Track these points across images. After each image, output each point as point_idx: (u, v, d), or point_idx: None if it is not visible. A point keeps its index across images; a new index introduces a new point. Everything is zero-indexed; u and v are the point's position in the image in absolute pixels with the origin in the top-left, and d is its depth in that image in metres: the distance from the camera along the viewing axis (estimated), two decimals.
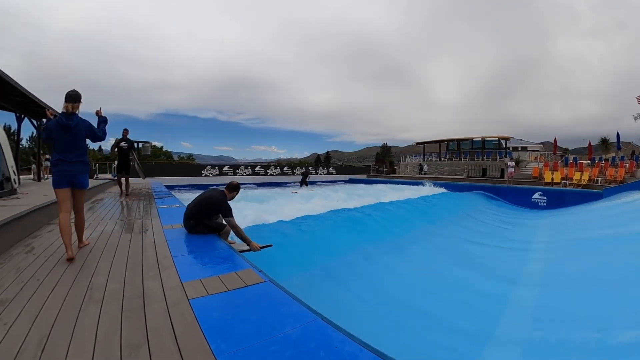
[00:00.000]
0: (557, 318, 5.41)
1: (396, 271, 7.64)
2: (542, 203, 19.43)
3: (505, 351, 4.62)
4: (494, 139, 30.92)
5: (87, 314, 2.44)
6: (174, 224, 5.85)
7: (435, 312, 5.74)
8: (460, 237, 11.48)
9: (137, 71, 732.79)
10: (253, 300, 2.75)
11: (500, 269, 8.28)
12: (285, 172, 31.58)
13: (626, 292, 5.85)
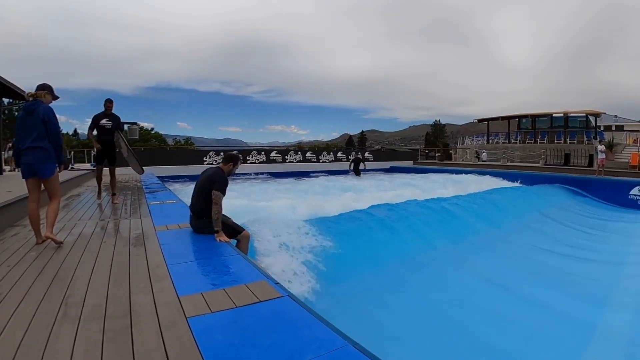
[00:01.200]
0: None
1: (450, 286, 7.58)
2: None
3: None
4: (580, 115, 30.06)
5: (60, 337, 2.45)
6: (169, 224, 5.95)
7: (499, 340, 5.69)
8: (534, 244, 11.31)
9: (119, 36, 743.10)
10: (267, 320, 2.75)
11: (585, 286, 8.15)
12: (309, 159, 31.14)
13: None
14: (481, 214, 13.16)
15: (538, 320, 6.42)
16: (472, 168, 28.43)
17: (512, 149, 31.98)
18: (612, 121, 37.88)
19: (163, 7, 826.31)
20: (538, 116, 32.73)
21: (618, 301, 7.20)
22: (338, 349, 2.37)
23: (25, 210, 5.51)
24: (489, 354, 5.30)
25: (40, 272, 3.74)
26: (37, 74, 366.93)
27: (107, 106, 8.49)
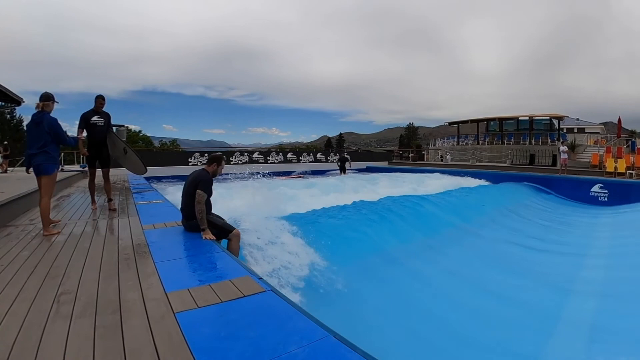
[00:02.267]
0: (619, 338, 5.40)
1: (424, 278, 7.65)
2: (603, 198, 19.25)
3: None
4: (545, 118, 30.59)
5: (53, 334, 2.43)
6: (156, 223, 5.91)
7: (472, 328, 5.76)
8: (502, 238, 11.49)
9: (107, 41, 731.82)
10: (251, 314, 2.76)
11: (550, 276, 8.30)
12: (290, 160, 31.25)
13: None
14: (453, 210, 13.30)
15: (507, 308, 6.52)
16: (443, 168, 28.72)
17: (481, 149, 32.42)
18: (574, 124, 38.62)
19: (150, 14, 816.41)
20: (505, 119, 33.22)
21: (581, 290, 7.35)
22: (319, 340, 2.39)
23: (17, 212, 6.73)
24: (461, 342, 5.38)
25: (33, 271, 3.69)
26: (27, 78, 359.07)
27: (99, 102, 7.50)
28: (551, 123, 30.42)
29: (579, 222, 14.75)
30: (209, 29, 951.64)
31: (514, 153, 29.33)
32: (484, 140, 33.89)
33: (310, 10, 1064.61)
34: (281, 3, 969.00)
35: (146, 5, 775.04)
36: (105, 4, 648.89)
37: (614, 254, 9.95)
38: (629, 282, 7.72)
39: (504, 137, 32.24)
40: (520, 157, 28.67)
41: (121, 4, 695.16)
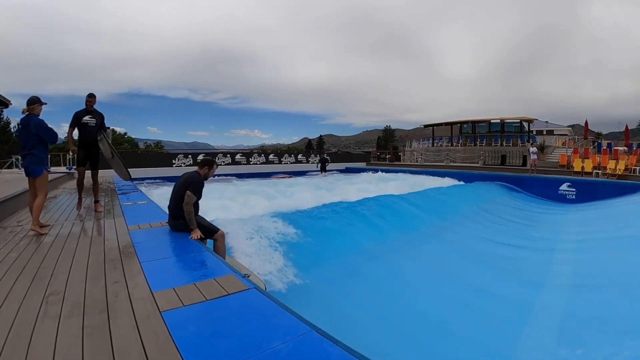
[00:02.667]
0: (588, 326, 5.51)
1: (403, 274, 7.71)
2: (571, 196, 19.62)
3: None
4: (515, 121, 30.98)
5: (43, 334, 2.39)
6: (141, 224, 5.84)
7: (449, 320, 5.83)
8: (476, 234, 11.62)
9: (94, 44, 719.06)
10: (236, 312, 2.75)
11: (522, 270, 8.43)
12: (271, 161, 31.14)
13: None
14: (429, 209, 13.41)
15: (482, 301, 6.61)
16: (419, 168, 28.91)
17: (455, 151, 32.64)
18: (543, 126, 39.33)
19: (136, 18, 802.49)
20: (477, 122, 33.55)
21: (551, 283, 7.47)
22: (302, 335, 2.40)
23: (4, 213, 6.79)
24: (439, 333, 5.43)
25: (21, 272, 3.62)
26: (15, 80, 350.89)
27: (89, 101, 7.06)
28: (521, 125, 30.87)
29: (548, 219, 15.00)
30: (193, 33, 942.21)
31: (486, 154, 29.67)
32: (457, 142, 34.12)
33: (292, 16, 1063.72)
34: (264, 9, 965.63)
35: (132, 9, 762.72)
36: (91, 7, 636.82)
37: (581, 248, 10.14)
38: (596, 275, 7.91)
39: (476, 139, 32.55)
40: (492, 158, 29.04)
41: (107, 7, 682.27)
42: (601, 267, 8.32)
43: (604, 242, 10.45)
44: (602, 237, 11.16)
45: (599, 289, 7.03)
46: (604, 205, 16.62)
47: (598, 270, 8.15)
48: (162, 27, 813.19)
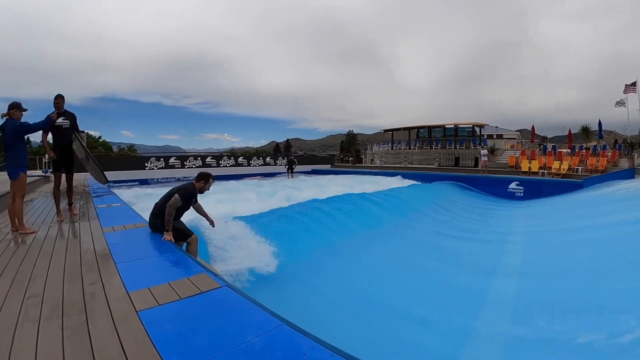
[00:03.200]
0: (537, 311, 5.72)
1: (367, 267, 7.79)
2: (519, 193, 20.23)
3: (485, 349, 4.83)
4: (468, 126, 31.85)
5: (24, 337, 2.32)
6: (116, 226, 5.71)
7: (411, 309, 5.91)
8: (434, 230, 11.84)
9: (69, 48, 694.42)
10: (210, 309, 2.74)
11: (476, 261, 8.65)
12: (241, 163, 31.01)
13: (606, 283, 6.28)
14: (390, 207, 13.58)
15: (440, 290, 6.74)
16: (379, 169, 29.36)
17: (412, 153, 33.26)
18: (493, 131, 40.43)
19: (110, 24, 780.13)
20: (433, 127, 34.33)
21: (502, 272, 7.69)
22: (274, 329, 2.41)
23: None
24: (403, 322, 5.51)
25: (0, 276, 3.50)
26: None
27: (56, 102, 6.37)
28: (473, 130, 31.74)
29: (499, 215, 15.42)
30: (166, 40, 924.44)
31: (441, 156, 30.31)
32: (415, 145, 34.82)
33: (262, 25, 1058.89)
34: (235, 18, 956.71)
35: (106, 16, 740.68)
36: (68, 13, 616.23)
37: (529, 240, 10.48)
38: (542, 264, 8.20)
39: (432, 142, 33.37)
40: (447, 160, 29.66)
41: (83, 13, 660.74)
42: (547, 257, 8.64)
43: (549, 235, 10.86)
44: (547, 230, 11.58)
45: (545, 276, 7.30)
46: (549, 202, 17.25)
47: (544, 260, 8.45)
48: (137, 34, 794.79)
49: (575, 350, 4.44)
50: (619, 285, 6.10)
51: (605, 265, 7.25)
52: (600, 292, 5.99)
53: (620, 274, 6.61)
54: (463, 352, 4.78)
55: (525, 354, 4.61)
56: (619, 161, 21.76)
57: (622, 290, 5.88)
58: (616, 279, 6.43)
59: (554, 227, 11.87)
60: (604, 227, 10.22)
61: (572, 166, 22.18)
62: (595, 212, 12.59)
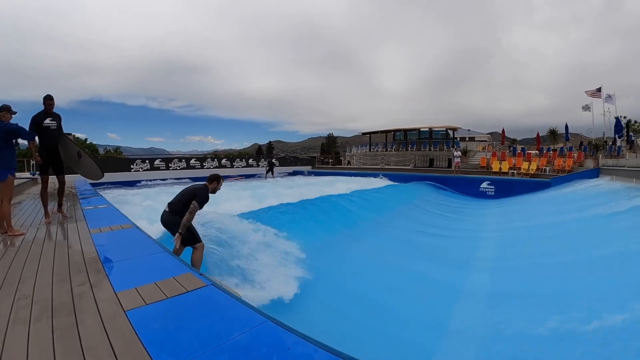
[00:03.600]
0: (509, 301, 5.84)
1: (347, 264, 7.82)
2: (490, 192, 20.58)
3: (461, 339, 4.91)
4: (442, 129, 32.29)
5: (15, 339, 2.27)
6: (102, 227, 5.61)
7: (390, 303, 5.99)
8: (410, 227, 11.97)
9: (57, 52, 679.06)
10: (196, 307, 2.73)
11: (451, 257, 8.80)
12: (224, 165, 30.81)
13: (573, 276, 6.45)
14: (368, 206, 13.70)
15: (418, 285, 6.83)
16: (357, 171, 29.55)
17: (389, 155, 33.46)
18: (466, 134, 40.86)
19: (98, 28, 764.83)
20: (409, 130, 34.72)
21: (476, 266, 7.85)
22: (259, 325, 2.42)
23: None
24: (383, 316, 5.56)
25: None
26: None
27: (48, 103, 6.15)
28: (447, 133, 32.18)
29: (471, 212, 15.67)
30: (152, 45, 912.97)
31: (417, 158, 30.59)
32: (391, 147, 35.07)
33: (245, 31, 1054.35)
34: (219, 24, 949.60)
35: (97, 21, 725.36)
36: (57, 17, 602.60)
37: (500, 236, 10.70)
38: (512, 258, 8.39)
39: (408, 144, 33.62)
40: (422, 161, 29.97)
41: (72, 17, 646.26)
42: (517, 252, 8.84)
43: (519, 231, 11.09)
44: (517, 226, 11.83)
45: (515, 270, 7.45)
46: (519, 200, 17.60)
47: (514, 254, 8.64)
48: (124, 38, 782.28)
49: (544, 337, 4.56)
50: (584, 278, 6.29)
51: (571, 259, 7.44)
52: (567, 284, 6.16)
53: (584, 268, 6.80)
54: (440, 343, 4.86)
55: (499, 342, 4.71)
56: (584, 162, 22.26)
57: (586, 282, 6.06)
58: (581, 272, 6.62)
59: (524, 223, 12.13)
60: (571, 223, 10.49)
61: (540, 167, 22.70)
62: (562, 209, 12.91)
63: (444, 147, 30.04)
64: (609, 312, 4.72)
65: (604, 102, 24.57)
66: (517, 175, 22.23)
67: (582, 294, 5.58)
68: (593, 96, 24.81)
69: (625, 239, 7.90)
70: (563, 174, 20.54)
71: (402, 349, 4.76)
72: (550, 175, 21.03)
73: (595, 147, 24.30)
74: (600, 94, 24.49)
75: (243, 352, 2.10)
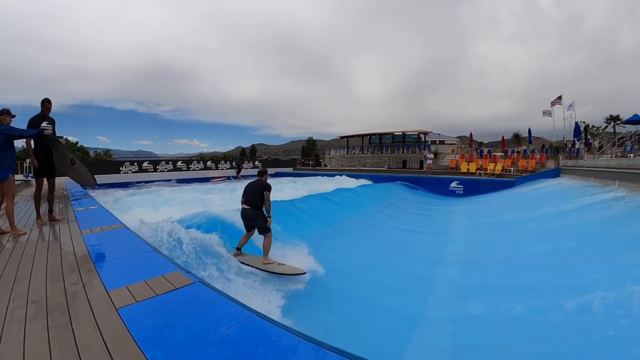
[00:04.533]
0: (478, 292, 5.96)
1: (326, 259, 7.83)
2: (459, 191, 20.94)
3: (434, 328, 4.99)
4: (414, 133, 32.71)
5: (11, 339, 2.21)
6: (93, 228, 5.50)
7: (369, 296, 6.03)
8: (384, 224, 12.10)
9: (49, 57, 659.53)
10: (184, 304, 2.71)
11: (424, 252, 8.89)
12: (209, 167, 30.73)
13: (535, 268, 6.62)
14: (345, 204, 13.74)
15: (394, 278, 6.90)
16: (336, 172, 29.60)
17: (365, 157, 33.82)
18: (436, 137, 41.59)
19: (88, 34, 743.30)
20: (384, 134, 35.16)
21: (447, 260, 7.96)
22: (245, 320, 2.43)
23: None
24: (362, 308, 5.60)
25: None
26: None
27: (47, 107, 5.96)
28: (419, 137, 32.60)
29: (442, 210, 15.88)
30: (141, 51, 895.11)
31: (391, 160, 31.02)
32: (367, 150, 35.50)
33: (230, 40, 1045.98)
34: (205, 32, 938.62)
35: (87, 27, 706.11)
36: (50, 22, 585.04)
37: (469, 231, 10.88)
38: (481, 251, 8.53)
39: (383, 147, 34.11)
40: (396, 163, 30.36)
41: (64, 23, 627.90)
42: (484, 246, 9.00)
43: (486, 227, 11.29)
44: (484, 222, 12.04)
45: (484, 263, 7.59)
46: (486, 198, 17.93)
47: (481, 249, 8.79)
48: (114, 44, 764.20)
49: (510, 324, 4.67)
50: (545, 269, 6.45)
51: (533, 252, 7.62)
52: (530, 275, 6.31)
53: (546, 260, 6.98)
54: (415, 331, 4.92)
55: (468, 329, 4.80)
56: (546, 163, 22.88)
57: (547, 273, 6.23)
58: (543, 264, 6.78)
59: (490, 220, 12.36)
60: (533, 219, 10.74)
61: (505, 167, 23.22)
62: (525, 206, 13.21)
63: (416, 149, 30.54)
64: (567, 300, 4.86)
65: (565, 109, 25.31)
66: (483, 175, 22.68)
67: (543, 284, 5.71)
68: (555, 104, 25.50)
69: (583, 233, 8.14)
70: (526, 174, 21.06)
71: (379, 337, 4.81)
72: (515, 175, 21.52)
73: (556, 149, 24.98)
74: (561, 102, 25.21)
75: (231, 345, 2.11)
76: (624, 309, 4.36)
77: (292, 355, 2.08)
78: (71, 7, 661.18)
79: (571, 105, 25.28)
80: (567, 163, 20.62)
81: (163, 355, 2.01)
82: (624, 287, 4.83)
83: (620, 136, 21.35)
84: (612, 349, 3.80)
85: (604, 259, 6.38)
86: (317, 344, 2.17)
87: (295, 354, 2.09)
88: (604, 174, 13.95)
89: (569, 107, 25.29)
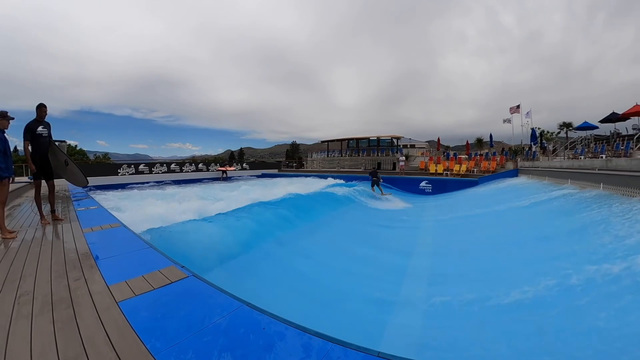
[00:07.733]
0: (447, 280, 6.06)
1: (309, 254, 7.85)
2: (428, 190, 21.22)
3: (407, 312, 5.04)
4: (388, 138, 33.15)
5: (18, 334, 2.16)
6: (94, 226, 5.40)
7: (347, 285, 6.05)
8: (361, 220, 12.16)
9: (51, 65, 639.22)
10: (179, 296, 2.70)
11: (397, 245, 8.96)
12: (201, 169, 30.54)
13: (496, 258, 6.75)
14: (325, 203, 13.76)
15: (370, 269, 6.93)
16: (317, 173, 29.69)
17: (344, 160, 34.16)
18: (408, 142, 41.87)
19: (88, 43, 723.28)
20: (360, 139, 35.58)
21: (418, 251, 8.02)
22: (236, 310, 2.44)
23: None
24: (342, 296, 5.62)
25: None
26: None
27: (42, 111, 5.71)
28: (392, 141, 33.01)
29: (413, 207, 16.05)
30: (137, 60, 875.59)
31: (367, 162, 31.31)
32: (346, 153, 35.72)
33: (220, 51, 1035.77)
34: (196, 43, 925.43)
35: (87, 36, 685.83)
36: (51, 31, 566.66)
37: (437, 226, 11.00)
38: (448, 244, 8.65)
39: (359, 151, 34.40)
40: (371, 165, 30.42)
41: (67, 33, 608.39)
42: (450, 239, 9.14)
43: (453, 221, 11.45)
44: (451, 217, 12.21)
45: (451, 254, 7.71)
46: (452, 196, 18.21)
47: (448, 241, 8.92)
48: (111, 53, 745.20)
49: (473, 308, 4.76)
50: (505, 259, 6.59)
51: (494, 243, 7.78)
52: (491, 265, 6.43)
53: (505, 250, 7.12)
54: (390, 315, 4.97)
55: (437, 314, 4.87)
56: (505, 164, 23.37)
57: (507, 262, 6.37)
58: (502, 254, 6.92)
59: (456, 214, 12.54)
60: (494, 214, 10.97)
61: (469, 168, 23.65)
62: (487, 202, 13.45)
63: (390, 153, 30.95)
64: (524, 285, 4.98)
65: (523, 116, 25.98)
66: (450, 175, 23.04)
67: (502, 273, 5.84)
68: (514, 112, 26.10)
69: (539, 226, 8.32)
70: (488, 174, 21.48)
71: (358, 322, 4.83)
72: (478, 175, 21.92)
73: (515, 152, 25.62)
74: (519, 110, 25.82)
75: (224, 334, 2.12)
76: (568, 292, 4.52)
77: (280, 341, 2.09)
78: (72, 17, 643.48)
79: (528, 113, 25.99)
80: (524, 164, 21.13)
81: (161, 344, 2.01)
82: (569, 274, 4.98)
83: (572, 140, 22.11)
84: (556, 325, 3.92)
85: (556, 248, 6.54)
86: (303, 329, 2.20)
87: (283, 340, 2.11)
88: (558, 174, 14.30)
89: (527, 115, 26.01)
